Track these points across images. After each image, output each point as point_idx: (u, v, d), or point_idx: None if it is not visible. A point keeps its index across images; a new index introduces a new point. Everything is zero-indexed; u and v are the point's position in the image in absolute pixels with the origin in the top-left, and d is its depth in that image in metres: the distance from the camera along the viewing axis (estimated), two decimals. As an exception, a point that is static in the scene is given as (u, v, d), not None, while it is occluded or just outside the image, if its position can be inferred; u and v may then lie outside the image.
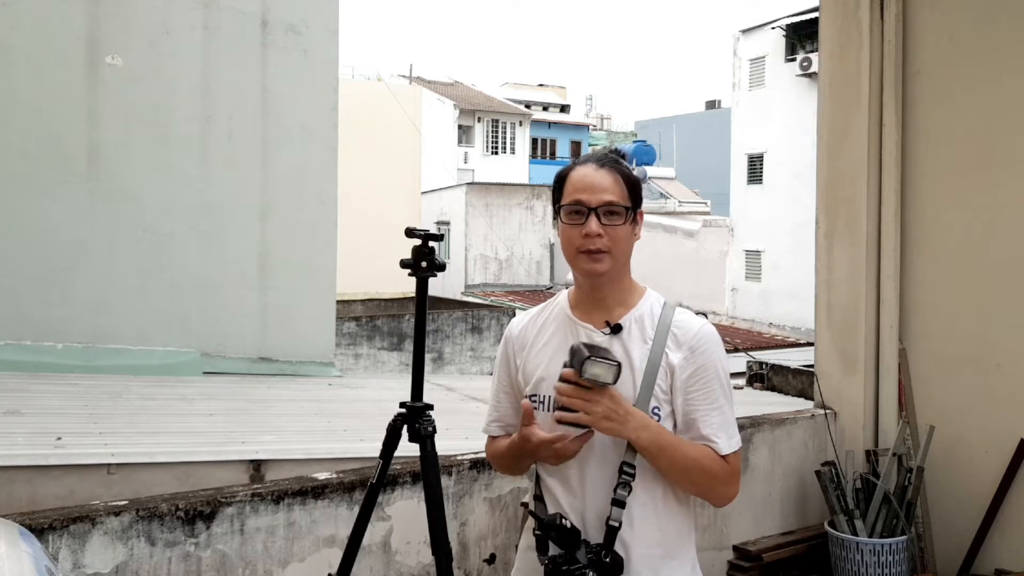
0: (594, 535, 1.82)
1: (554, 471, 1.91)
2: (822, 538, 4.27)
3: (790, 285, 19.14)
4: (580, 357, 1.74)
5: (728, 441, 1.86)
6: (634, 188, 1.89)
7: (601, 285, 1.90)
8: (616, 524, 1.81)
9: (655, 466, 1.82)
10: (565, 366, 1.78)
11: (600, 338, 1.88)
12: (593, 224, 1.84)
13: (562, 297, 1.99)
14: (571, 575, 1.78)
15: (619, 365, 1.74)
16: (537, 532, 1.88)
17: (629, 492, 1.81)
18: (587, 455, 1.85)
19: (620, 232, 1.86)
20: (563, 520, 1.81)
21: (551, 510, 1.88)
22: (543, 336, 1.96)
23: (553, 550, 1.83)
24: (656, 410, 1.84)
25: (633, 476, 1.81)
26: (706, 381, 1.86)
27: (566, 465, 1.86)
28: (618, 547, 1.81)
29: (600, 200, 1.85)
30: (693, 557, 1.94)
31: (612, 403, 1.76)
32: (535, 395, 1.92)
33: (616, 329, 1.88)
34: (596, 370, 1.73)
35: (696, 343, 1.87)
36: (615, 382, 1.75)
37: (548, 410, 1.90)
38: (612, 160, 1.90)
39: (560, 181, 1.93)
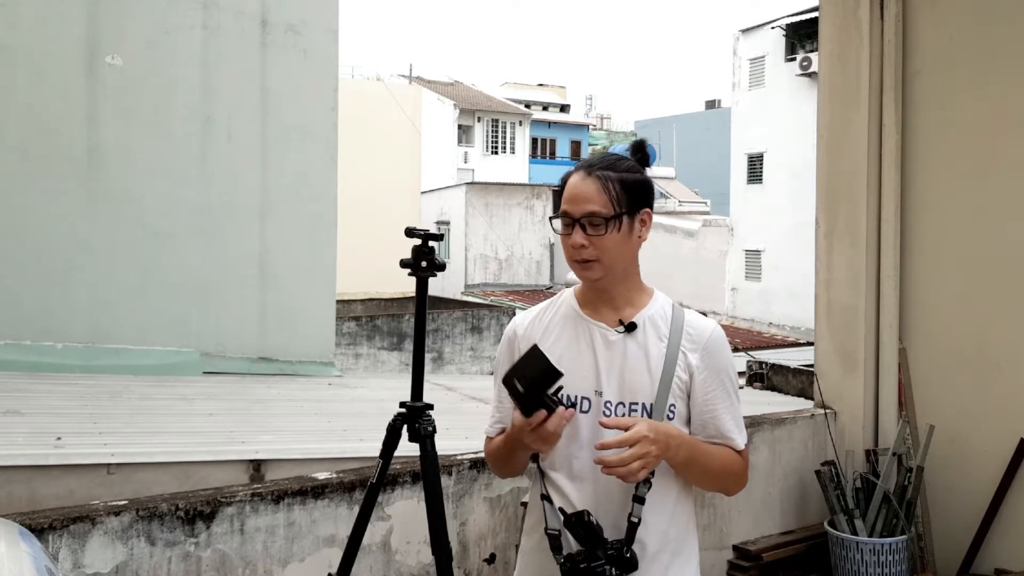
0: (609, 532, 1.82)
1: (564, 470, 1.90)
2: (822, 538, 4.27)
3: (790, 285, 19.15)
4: (542, 371, 1.68)
5: (741, 437, 1.91)
6: (631, 191, 1.86)
7: (603, 287, 1.90)
8: (636, 520, 1.82)
9: (684, 476, 1.88)
10: (525, 400, 1.72)
11: (614, 336, 1.88)
12: (577, 236, 1.84)
13: (567, 295, 1.98)
14: (591, 572, 1.77)
15: (557, 371, 1.69)
16: (551, 531, 1.87)
17: (649, 488, 1.82)
18: (572, 443, 1.86)
19: (606, 241, 1.84)
20: (590, 517, 1.80)
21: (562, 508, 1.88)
22: (551, 335, 1.94)
23: (568, 548, 1.83)
24: (672, 407, 1.85)
25: (653, 473, 1.81)
26: (721, 381, 1.90)
27: (578, 464, 1.86)
28: (639, 546, 1.83)
29: (582, 211, 1.84)
30: (696, 554, 1.96)
31: (654, 442, 1.74)
32: None
33: (631, 327, 1.88)
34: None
35: (711, 344, 1.89)
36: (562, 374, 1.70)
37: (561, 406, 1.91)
38: (605, 165, 1.87)
39: (561, 188, 1.95)
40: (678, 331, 1.88)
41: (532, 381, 1.68)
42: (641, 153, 1.94)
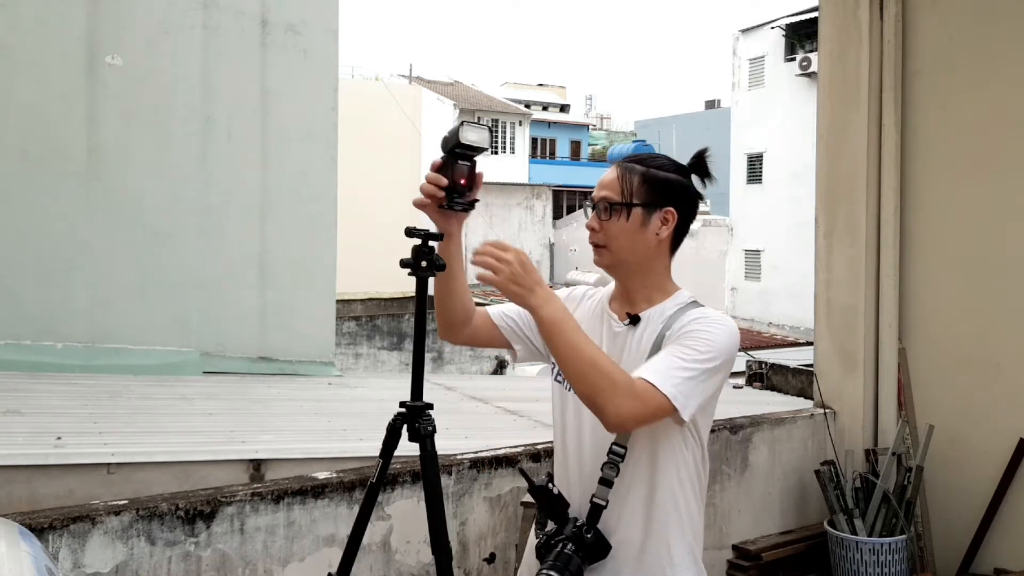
0: (582, 514, 1.87)
1: (558, 449, 1.97)
2: (821, 537, 4.27)
3: (789, 285, 19.18)
4: (454, 130, 1.77)
5: (657, 376, 1.72)
6: (653, 186, 1.88)
7: (620, 280, 1.96)
8: (601, 503, 1.83)
9: (552, 348, 1.76)
10: (441, 159, 1.82)
11: (619, 329, 1.91)
12: (591, 219, 1.92)
13: (610, 286, 2.04)
14: (554, 546, 1.81)
15: (489, 127, 1.81)
16: (538, 512, 1.92)
17: (617, 473, 1.82)
18: (578, 435, 1.90)
19: (613, 227, 1.88)
20: (551, 485, 1.86)
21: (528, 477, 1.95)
22: (579, 312, 2.00)
23: (550, 527, 1.87)
24: None
25: (621, 458, 1.82)
26: (681, 337, 1.80)
27: (563, 445, 1.94)
28: (604, 530, 1.84)
29: (598, 196, 1.91)
30: (691, 563, 1.91)
31: (522, 268, 1.75)
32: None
33: (634, 320, 1.90)
34: (472, 135, 1.77)
35: (697, 316, 1.85)
36: (489, 147, 1.81)
37: (570, 389, 1.91)
38: (636, 159, 1.93)
39: None
40: (675, 320, 1.87)
41: (446, 138, 1.82)
42: (698, 159, 1.94)
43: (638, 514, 1.85)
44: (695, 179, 1.97)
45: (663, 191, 1.89)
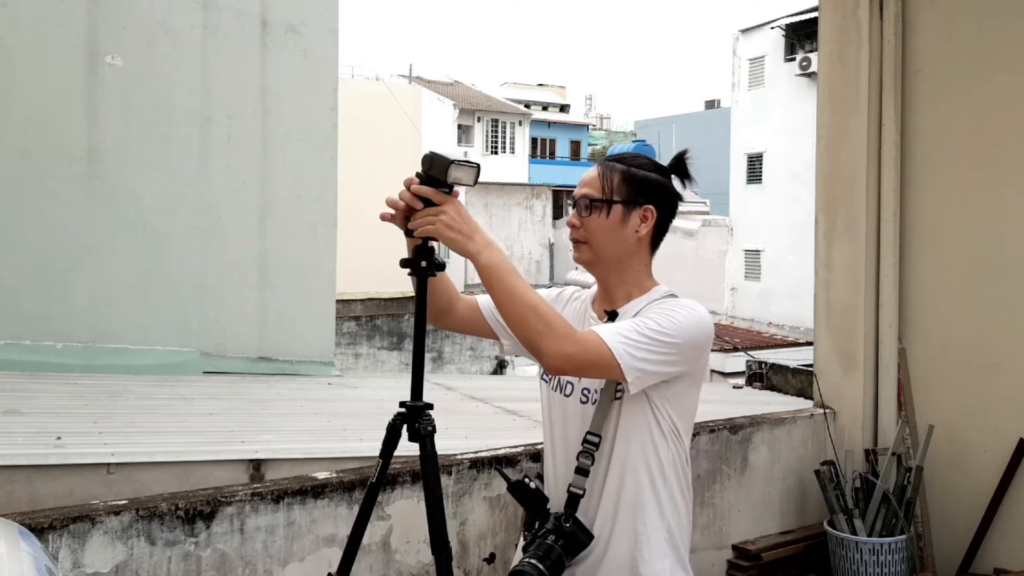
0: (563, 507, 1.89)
1: (546, 449, 2.00)
2: (821, 537, 4.27)
3: (789, 285, 19.18)
4: (443, 162, 1.75)
5: (603, 330, 1.77)
6: (633, 184, 1.91)
7: (597, 275, 1.98)
8: (578, 491, 1.85)
9: (492, 293, 1.79)
10: (418, 175, 1.79)
11: (596, 324, 1.93)
12: (572, 216, 1.96)
13: (594, 287, 2.06)
14: (537, 538, 1.84)
15: (478, 167, 1.77)
16: (524, 512, 1.96)
17: (592, 462, 1.84)
18: (564, 431, 1.92)
19: (592, 224, 1.91)
20: (527, 481, 1.87)
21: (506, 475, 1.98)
22: (564, 312, 2.02)
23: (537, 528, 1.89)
24: (619, 388, 1.86)
25: (596, 447, 1.84)
26: (644, 311, 1.86)
27: (551, 443, 1.97)
28: (585, 522, 1.85)
29: (579, 193, 1.94)
30: (668, 550, 1.88)
31: (458, 215, 1.76)
32: None
33: (612, 316, 1.92)
34: (459, 174, 1.75)
35: (668, 300, 1.89)
36: (474, 184, 1.78)
37: (555, 389, 1.97)
38: (617, 158, 1.96)
39: None
40: (645, 308, 1.89)
41: (432, 159, 1.79)
42: (678, 161, 1.98)
43: (611, 501, 1.86)
44: (676, 180, 2.00)
45: (643, 189, 1.92)
